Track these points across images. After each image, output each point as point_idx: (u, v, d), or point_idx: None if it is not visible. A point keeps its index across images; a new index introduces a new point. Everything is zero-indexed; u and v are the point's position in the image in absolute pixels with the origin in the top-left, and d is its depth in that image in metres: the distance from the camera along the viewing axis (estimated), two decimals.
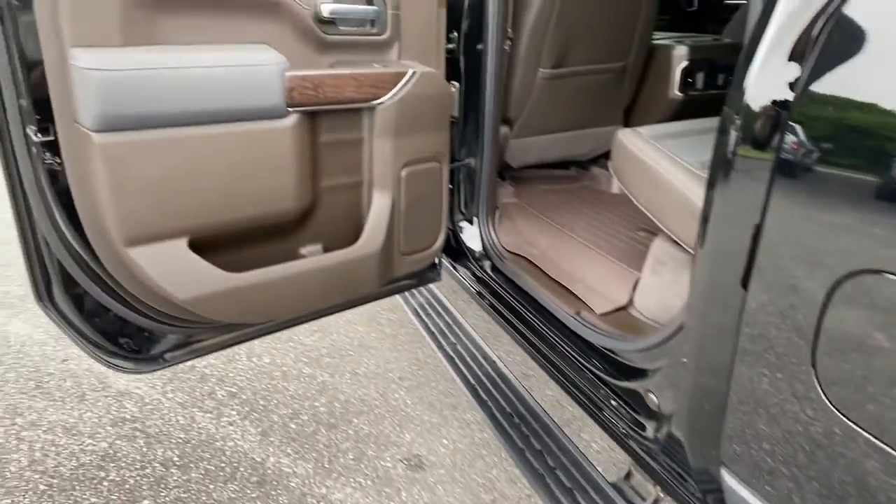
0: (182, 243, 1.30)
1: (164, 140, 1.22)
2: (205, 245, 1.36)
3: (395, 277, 1.75)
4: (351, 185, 1.63)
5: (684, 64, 2.34)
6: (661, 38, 2.41)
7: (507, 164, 2.38)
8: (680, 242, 1.56)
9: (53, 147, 1.21)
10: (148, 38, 1.22)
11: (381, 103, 1.52)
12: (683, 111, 2.44)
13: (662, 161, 1.58)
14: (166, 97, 1.19)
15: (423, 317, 2.33)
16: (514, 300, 1.89)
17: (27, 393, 2.51)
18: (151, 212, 1.24)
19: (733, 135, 0.90)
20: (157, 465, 2.15)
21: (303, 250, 1.59)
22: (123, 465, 2.14)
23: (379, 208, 1.62)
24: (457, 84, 1.91)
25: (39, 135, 1.19)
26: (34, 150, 1.20)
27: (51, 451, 2.19)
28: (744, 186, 0.90)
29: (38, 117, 1.19)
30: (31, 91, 1.17)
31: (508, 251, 2.03)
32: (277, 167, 1.40)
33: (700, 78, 2.39)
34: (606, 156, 2.65)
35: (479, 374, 1.99)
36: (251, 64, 1.29)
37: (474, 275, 2.07)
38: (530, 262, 1.98)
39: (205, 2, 1.27)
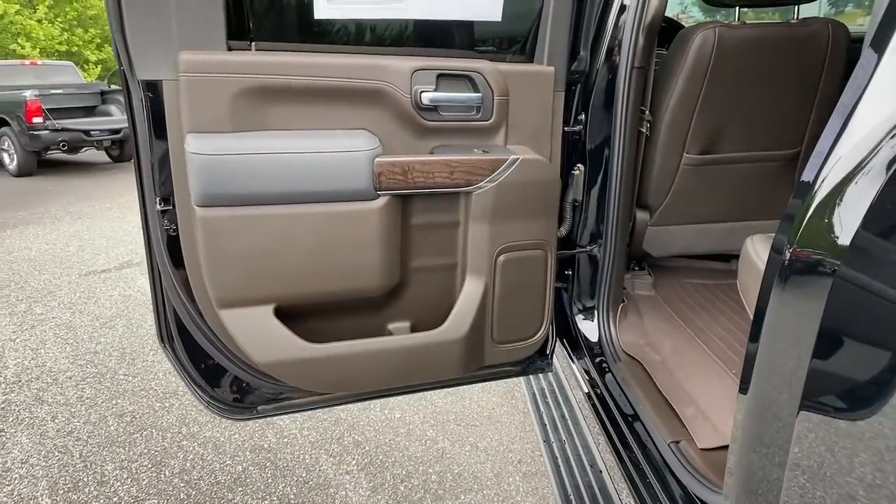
0: (268, 310, 1.43)
1: (258, 216, 1.37)
2: (291, 313, 1.47)
3: (486, 365, 1.70)
4: (443, 267, 1.64)
5: None
6: None
7: (646, 253, 2.19)
8: None
9: (172, 216, 1.43)
10: (256, 124, 1.39)
11: (478, 188, 1.52)
12: None
13: None
14: (262, 178, 1.34)
15: (540, 403, 2.21)
16: (616, 409, 1.71)
17: (196, 406, 2.91)
18: (242, 279, 1.39)
19: None
20: (275, 498, 2.32)
21: (390, 326, 1.63)
22: (249, 491, 2.35)
23: (469, 293, 1.60)
24: (581, 167, 1.83)
25: (161, 204, 1.41)
26: (158, 217, 1.43)
27: (198, 463, 2.50)
28: None
29: (162, 190, 1.41)
30: (160, 167, 1.40)
31: (626, 353, 1.84)
32: (364, 246, 1.47)
33: None
34: None
35: (579, 482, 1.82)
36: (343, 150, 1.39)
37: (586, 371, 1.92)
38: (645, 368, 1.78)
39: (309, 92, 1.41)
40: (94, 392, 3.07)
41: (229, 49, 1.38)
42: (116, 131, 8.94)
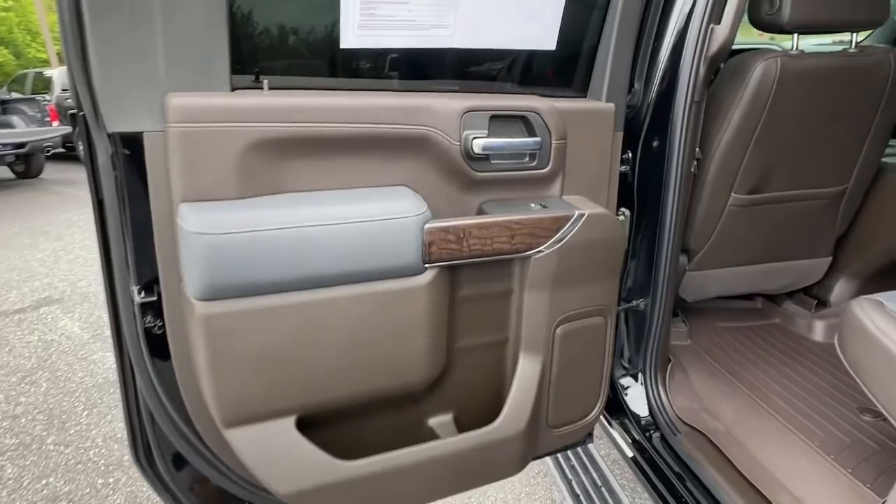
0: (289, 423, 1.10)
1: (278, 307, 1.04)
2: (314, 420, 1.14)
3: (539, 454, 1.43)
4: (493, 345, 1.36)
5: None
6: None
7: (679, 299, 1.99)
8: None
9: (156, 310, 1.07)
10: (272, 186, 1.06)
11: (538, 252, 1.25)
12: None
13: None
14: (283, 260, 1.01)
15: (567, 470, 1.96)
16: (686, 492, 1.48)
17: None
18: (256, 389, 1.05)
19: None
20: None
21: (431, 421, 1.33)
22: None
23: (525, 376, 1.33)
24: (627, 211, 1.60)
25: (142, 294, 1.06)
26: (136, 310, 1.07)
27: None
28: None
29: (141, 275, 1.06)
30: (138, 246, 1.04)
31: (683, 422, 1.62)
32: (408, 332, 1.17)
33: None
34: (805, 290, 2.15)
35: None
36: (384, 216, 1.08)
37: (637, 444, 1.68)
38: (711, 440, 1.56)
39: (338, 142, 1.10)
40: (18, 471, 2.56)
41: (233, 89, 1.05)
42: (21, 145, 8.02)
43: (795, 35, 1.60)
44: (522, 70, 1.35)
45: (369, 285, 1.11)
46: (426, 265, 1.15)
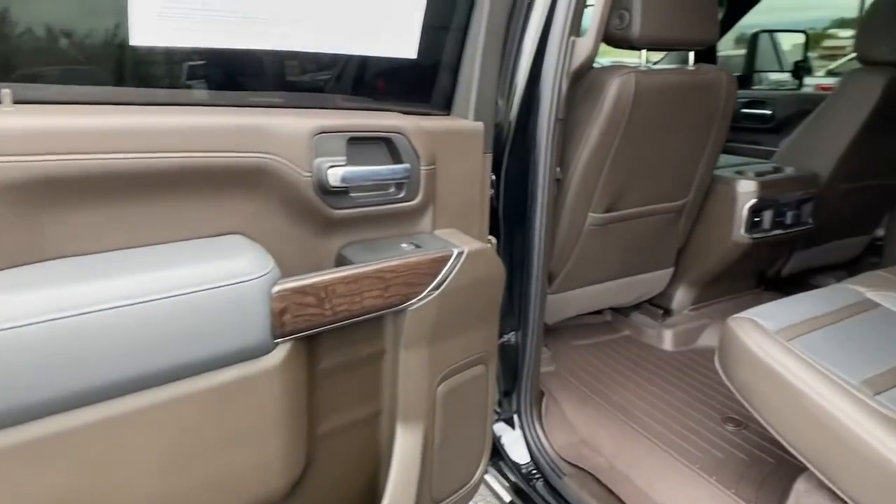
0: None
1: (55, 437, 0.68)
2: None
3: None
4: (364, 421, 1.10)
5: (752, 202, 1.93)
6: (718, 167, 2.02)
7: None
8: (837, 491, 1.07)
9: None
10: (22, 251, 0.70)
11: (417, 302, 1.02)
12: (747, 255, 2.02)
13: (808, 378, 1.12)
14: (55, 369, 0.66)
15: None
16: None
17: None
18: None
19: None
20: None
21: None
22: None
23: (406, 452, 1.09)
24: (494, 239, 1.44)
25: None
26: None
27: None
28: None
29: None
30: None
31: (567, 462, 1.50)
32: (256, 433, 0.87)
33: (768, 217, 1.99)
34: (650, 301, 2.19)
35: None
36: (210, 283, 0.78)
37: (521, 493, 1.53)
38: (597, 478, 1.45)
39: (134, 180, 0.77)
40: None
41: None
42: None
43: (643, 53, 1.57)
44: (379, 81, 1.12)
45: (194, 381, 0.79)
46: (276, 341, 0.86)
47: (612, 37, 1.52)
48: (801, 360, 1.15)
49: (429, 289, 1.03)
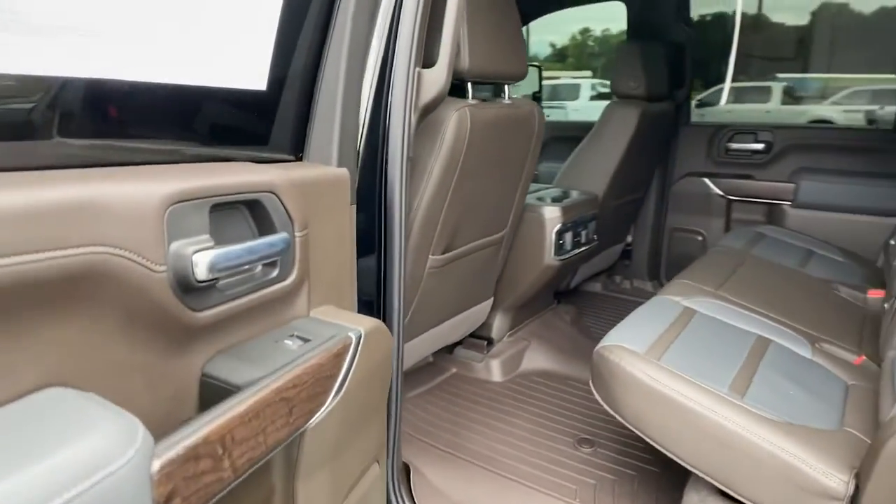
0: None
1: None
2: None
3: None
4: None
5: (558, 227, 2.02)
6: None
7: None
8: (724, 488, 1.13)
9: None
10: None
11: (317, 417, 0.78)
12: (553, 276, 2.11)
13: (686, 391, 1.17)
14: None
15: None
16: None
17: None
18: None
19: None
20: None
21: None
22: None
23: None
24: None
25: None
26: None
27: None
28: None
29: None
30: None
31: None
32: None
33: (569, 239, 2.11)
34: (472, 334, 2.16)
35: None
36: (52, 494, 0.45)
37: None
38: None
39: None
40: None
41: None
42: None
43: (469, 85, 1.51)
44: (221, 122, 0.83)
45: None
46: None
47: (433, 62, 1.42)
48: (679, 377, 1.20)
49: (332, 394, 0.79)
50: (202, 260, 0.65)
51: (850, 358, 1.47)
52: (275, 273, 0.80)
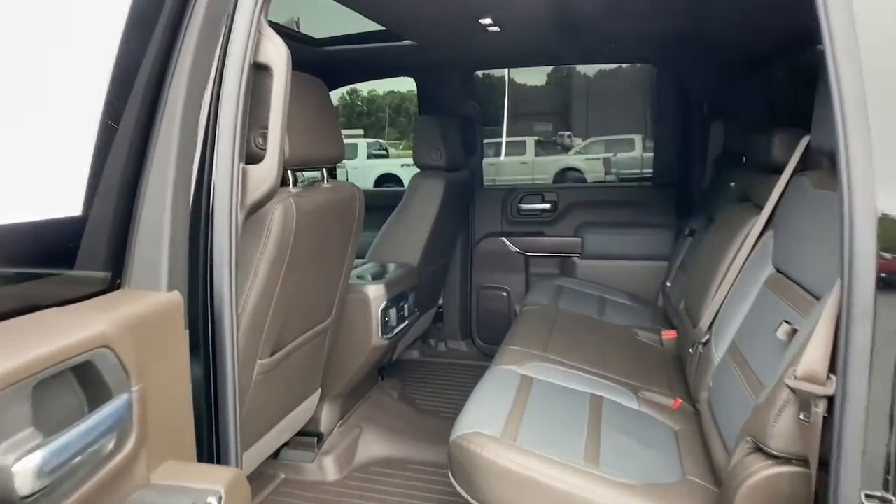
0: None
1: None
2: None
3: None
4: None
5: (383, 305, 1.94)
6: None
7: None
8: None
9: None
10: None
11: None
12: (380, 356, 2.03)
13: (550, 471, 1.18)
14: None
15: None
16: None
17: None
18: None
19: None
20: None
21: None
22: None
23: None
24: None
25: None
26: None
27: None
28: None
29: None
30: None
31: None
32: None
33: (393, 315, 2.04)
34: (299, 433, 1.95)
35: None
36: None
37: None
38: None
39: None
40: None
41: None
42: None
43: (290, 173, 1.39)
44: (27, 257, 0.62)
45: None
46: None
47: (258, 157, 1.28)
48: (540, 458, 1.20)
49: None
50: (26, 469, 0.45)
51: (667, 402, 1.62)
52: (111, 446, 0.60)
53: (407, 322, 2.16)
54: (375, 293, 1.94)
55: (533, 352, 1.79)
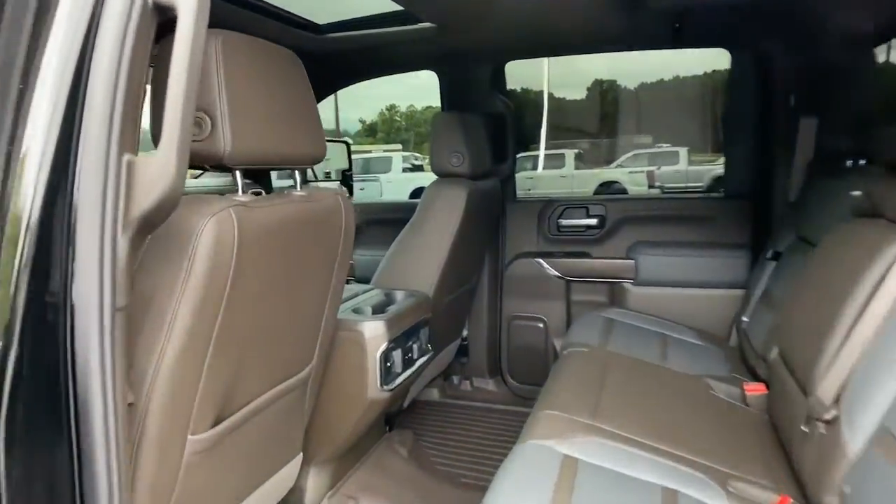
0: None
1: None
2: None
3: None
4: None
5: (383, 347, 1.53)
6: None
7: None
8: None
9: None
10: None
11: None
12: (384, 409, 1.61)
13: None
14: None
15: None
16: None
17: None
18: None
19: None
20: None
21: None
22: None
23: None
24: None
25: None
26: None
27: None
28: None
29: None
30: None
31: None
32: None
33: (398, 359, 1.62)
34: None
35: None
36: None
37: None
38: None
39: None
40: None
41: None
42: None
43: (238, 174, 1.00)
44: None
45: None
46: None
47: (195, 153, 0.89)
48: None
49: None
50: None
51: (769, 499, 1.15)
52: None
53: (417, 366, 1.74)
54: (373, 332, 1.51)
55: (578, 419, 1.34)
